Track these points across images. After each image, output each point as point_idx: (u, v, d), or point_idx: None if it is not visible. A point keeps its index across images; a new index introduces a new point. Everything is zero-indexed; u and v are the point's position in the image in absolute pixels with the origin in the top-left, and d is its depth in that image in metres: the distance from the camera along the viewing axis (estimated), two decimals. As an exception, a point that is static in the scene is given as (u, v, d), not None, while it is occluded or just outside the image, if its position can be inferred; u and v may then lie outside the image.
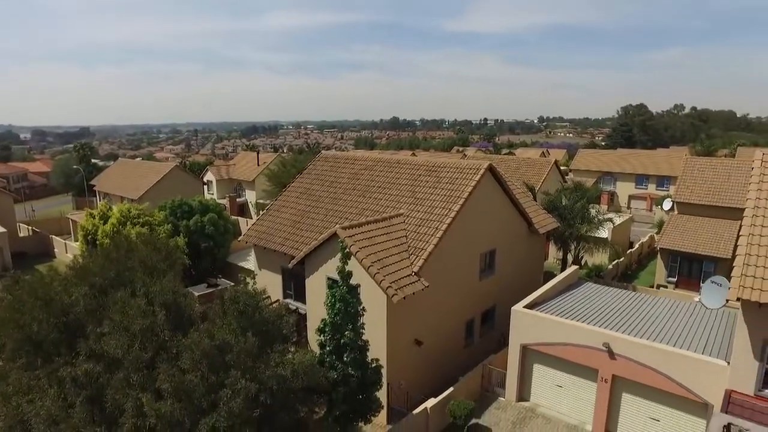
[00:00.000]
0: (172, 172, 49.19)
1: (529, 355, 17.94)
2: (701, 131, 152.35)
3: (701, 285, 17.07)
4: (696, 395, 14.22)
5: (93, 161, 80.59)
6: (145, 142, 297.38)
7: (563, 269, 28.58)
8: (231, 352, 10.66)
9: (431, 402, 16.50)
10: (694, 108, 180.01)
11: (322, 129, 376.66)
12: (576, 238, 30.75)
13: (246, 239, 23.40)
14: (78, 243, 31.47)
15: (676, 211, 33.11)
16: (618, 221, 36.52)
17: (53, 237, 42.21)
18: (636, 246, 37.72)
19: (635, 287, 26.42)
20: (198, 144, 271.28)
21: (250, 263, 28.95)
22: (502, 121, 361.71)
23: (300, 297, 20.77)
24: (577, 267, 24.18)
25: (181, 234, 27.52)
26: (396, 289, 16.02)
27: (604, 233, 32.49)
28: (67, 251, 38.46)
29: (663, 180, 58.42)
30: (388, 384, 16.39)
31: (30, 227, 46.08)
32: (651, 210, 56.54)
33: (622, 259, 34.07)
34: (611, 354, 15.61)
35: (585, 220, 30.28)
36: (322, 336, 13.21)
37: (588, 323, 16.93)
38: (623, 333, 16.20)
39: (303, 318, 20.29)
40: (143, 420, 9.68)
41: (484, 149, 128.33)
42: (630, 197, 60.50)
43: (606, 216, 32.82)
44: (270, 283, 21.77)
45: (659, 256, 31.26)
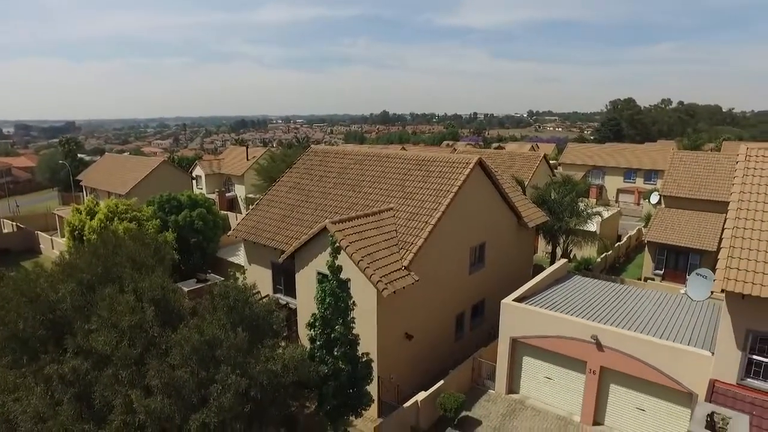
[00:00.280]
0: (160, 167, 48.67)
1: (519, 348, 18.11)
2: (688, 125, 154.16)
3: (687, 277, 17.30)
4: (681, 385, 14.47)
5: (79, 156, 79.56)
6: (133, 136, 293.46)
7: (552, 262, 28.82)
8: (221, 347, 10.62)
9: (422, 395, 16.60)
10: (681, 102, 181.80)
11: (311, 123, 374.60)
12: (565, 231, 30.98)
13: (235, 234, 23.28)
14: (64, 239, 31.08)
15: (663, 205, 33.50)
16: (606, 215, 36.83)
17: (39, 233, 41.63)
18: (624, 239, 38.14)
19: (623, 280, 26.72)
20: (186, 138, 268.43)
21: (239, 258, 28.82)
22: (491, 116, 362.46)
23: (290, 292, 20.74)
24: (566, 260, 24.37)
25: (170, 229, 27.29)
26: (386, 284, 16.05)
27: (592, 227, 32.77)
28: (54, 247, 37.97)
29: (651, 174, 59.00)
30: (378, 378, 16.46)
31: (14, 223, 45.36)
32: (639, 203, 57.14)
33: (610, 253, 34.43)
34: (599, 346, 15.82)
35: (574, 213, 30.50)
36: (312, 331, 13.20)
37: (577, 316, 17.12)
38: (611, 325, 16.41)
39: (293, 313, 20.28)
40: (132, 416, 9.63)
41: (473, 143, 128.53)
42: (618, 191, 61.04)
43: (594, 210, 33.03)
44: (260, 278, 21.70)
45: (647, 249, 31.64)
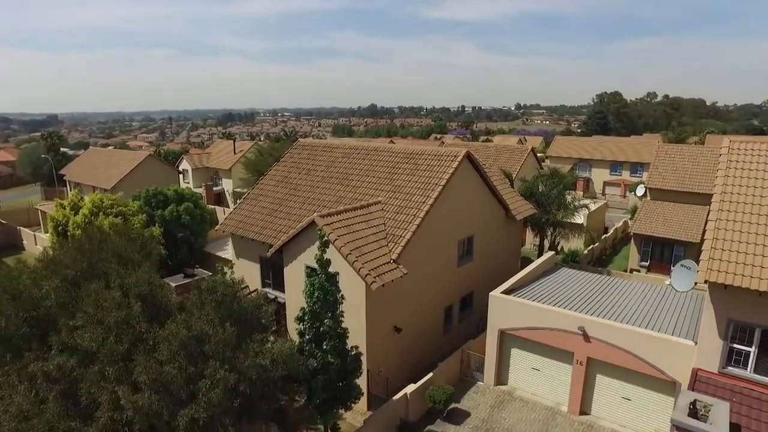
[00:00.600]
0: (146, 160, 48.00)
1: (507, 340, 18.27)
2: (673, 119, 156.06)
3: (672, 269, 17.58)
4: (665, 374, 14.73)
5: (62, 150, 77.98)
6: (118, 130, 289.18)
7: (540, 255, 29.06)
8: (209, 342, 10.57)
9: (411, 388, 16.69)
10: (666, 96, 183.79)
11: (299, 116, 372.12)
12: (552, 224, 31.24)
13: (223, 228, 23.10)
14: (48, 234, 30.57)
15: (648, 197, 33.92)
16: (593, 207, 37.19)
17: (21, 228, 40.89)
18: (610, 231, 38.57)
19: (609, 272, 27.04)
20: (173, 132, 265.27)
21: (227, 253, 28.64)
22: (479, 109, 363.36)
23: (279, 286, 20.67)
24: (554, 252, 24.60)
25: (157, 224, 27.01)
26: (375, 277, 16.06)
27: (579, 219, 33.09)
28: (37, 243, 37.34)
29: (636, 166, 59.64)
30: (368, 371, 16.51)
31: (-4, 219, 44.51)
32: (625, 196, 57.77)
33: (597, 245, 34.81)
34: (586, 337, 16.02)
35: (561, 206, 30.76)
36: (301, 324, 13.19)
37: (564, 308, 17.30)
38: (598, 316, 16.62)
39: (282, 307, 20.23)
40: (120, 413, 9.54)
41: (462, 136, 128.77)
42: (605, 183, 61.65)
43: (581, 202, 33.34)
44: (248, 273, 21.60)
45: (632, 241, 32.04)
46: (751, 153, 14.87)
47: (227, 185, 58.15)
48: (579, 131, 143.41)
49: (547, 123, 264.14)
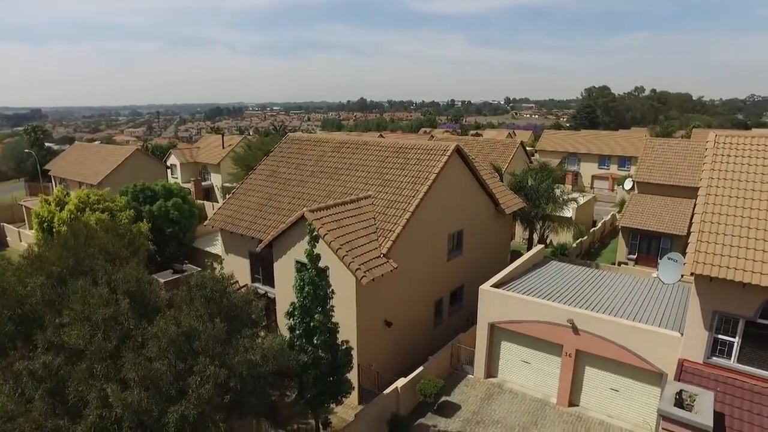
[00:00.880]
0: (133, 155, 47.29)
1: (497, 333, 18.39)
2: (660, 113, 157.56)
3: (659, 261, 17.78)
4: (652, 365, 14.95)
5: (47, 145, 76.73)
6: (104, 124, 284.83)
7: (529, 248, 29.27)
8: (199, 338, 10.48)
9: (402, 381, 16.74)
10: (653, 90, 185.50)
11: (288, 111, 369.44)
12: (542, 217, 31.46)
13: (212, 224, 22.92)
14: (33, 231, 30.12)
15: (636, 191, 34.28)
16: (582, 201, 37.51)
17: (5, 225, 40.25)
18: (599, 225, 38.94)
19: (598, 265, 27.29)
20: (160, 127, 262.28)
21: (216, 248, 28.44)
22: (469, 103, 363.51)
23: (269, 281, 20.59)
24: (543, 246, 24.76)
25: (145, 219, 26.69)
26: (365, 271, 16.06)
27: (568, 213, 33.37)
28: (21, 240, 36.81)
29: (624, 160, 60.22)
30: (358, 365, 16.54)
31: (-22, 215, 43.75)
32: (613, 189, 58.34)
33: (585, 238, 35.13)
34: (575, 330, 16.18)
35: (550, 200, 30.98)
36: (291, 319, 13.15)
37: (553, 301, 17.45)
38: (587, 309, 16.78)
39: (272, 302, 20.16)
40: (109, 411, 9.45)
41: (451, 130, 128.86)
42: (593, 177, 62.19)
43: (570, 196, 33.61)
44: (238, 268, 21.48)
45: (620, 234, 32.39)
46: (736, 147, 15.06)
47: (216, 180, 57.69)
48: (568, 125, 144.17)
49: (537, 117, 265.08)
